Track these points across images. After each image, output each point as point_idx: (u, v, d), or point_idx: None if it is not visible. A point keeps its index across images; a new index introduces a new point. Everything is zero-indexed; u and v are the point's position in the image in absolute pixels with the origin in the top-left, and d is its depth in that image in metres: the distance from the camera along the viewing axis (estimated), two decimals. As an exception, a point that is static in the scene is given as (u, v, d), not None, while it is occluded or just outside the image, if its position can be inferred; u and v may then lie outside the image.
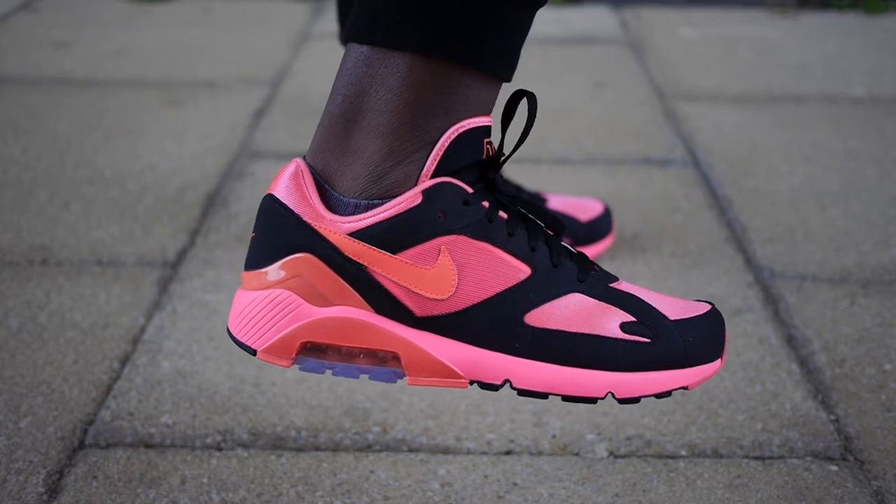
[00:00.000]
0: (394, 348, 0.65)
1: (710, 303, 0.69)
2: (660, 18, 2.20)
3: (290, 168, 0.64)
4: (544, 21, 2.18)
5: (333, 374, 0.65)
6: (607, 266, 1.12)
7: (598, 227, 1.12)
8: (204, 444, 0.83)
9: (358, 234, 0.63)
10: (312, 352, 0.65)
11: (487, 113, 0.66)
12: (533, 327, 0.65)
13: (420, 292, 0.64)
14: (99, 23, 2.09)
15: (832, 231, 1.21)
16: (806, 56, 1.92)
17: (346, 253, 0.64)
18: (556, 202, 1.14)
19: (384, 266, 0.64)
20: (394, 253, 0.64)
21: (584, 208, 1.13)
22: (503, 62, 0.65)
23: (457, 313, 0.65)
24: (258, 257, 0.66)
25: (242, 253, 1.14)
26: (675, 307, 0.68)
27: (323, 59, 1.85)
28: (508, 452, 0.83)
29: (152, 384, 0.91)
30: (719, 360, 0.66)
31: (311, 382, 0.91)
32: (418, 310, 0.64)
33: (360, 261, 0.64)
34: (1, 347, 0.96)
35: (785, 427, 0.86)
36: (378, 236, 0.63)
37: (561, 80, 1.78)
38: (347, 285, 0.64)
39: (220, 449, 0.83)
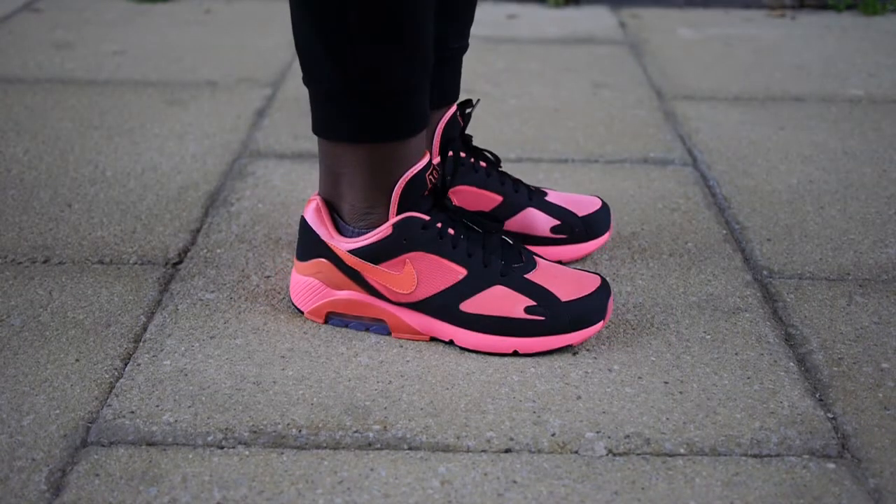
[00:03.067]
0: (383, 317, 0.98)
1: (599, 275, 0.99)
2: (658, 18, 2.21)
3: (315, 202, 0.97)
4: (544, 21, 2.19)
5: (349, 327, 0.99)
6: (606, 265, 1.12)
7: (597, 223, 1.13)
8: (205, 442, 0.84)
9: (354, 252, 0.95)
10: (336, 315, 0.99)
11: (422, 154, 0.94)
12: (466, 312, 0.95)
13: (393, 289, 0.96)
14: (100, 23, 2.09)
15: (830, 230, 1.22)
16: (804, 56, 1.93)
17: (347, 262, 0.96)
18: (554, 197, 1.15)
19: (370, 272, 0.96)
20: (376, 264, 0.95)
21: (583, 204, 1.14)
22: (419, 123, 0.93)
23: (416, 302, 0.96)
24: (301, 253, 0.99)
25: (243, 252, 1.14)
26: (570, 288, 0.96)
27: (323, 59, 1.85)
28: (508, 450, 0.84)
29: (154, 382, 0.91)
30: (601, 321, 0.95)
31: (312, 381, 0.92)
32: (393, 298, 0.96)
33: (355, 268, 0.96)
34: (4, 346, 0.97)
35: (783, 425, 0.86)
36: (366, 253, 0.95)
37: (560, 80, 1.78)
38: (350, 280, 0.97)
39: (221, 447, 0.84)
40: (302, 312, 1.01)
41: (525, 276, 0.96)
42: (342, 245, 0.95)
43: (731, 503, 0.78)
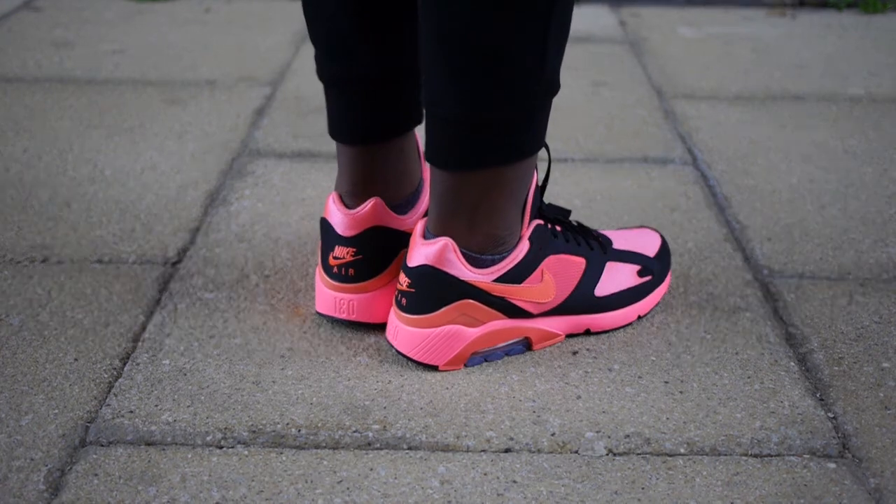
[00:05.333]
0: (525, 335, 0.95)
1: (646, 226, 1.09)
2: (659, 17, 2.21)
3: (439, 245, 0.88)
4: (544, 20, 2.19)
5: (487, 361, 0.94)
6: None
7: None
8: (204, 442, 0.84)
9: (500, 279, 0.91)
10: (477, 354, 0.94)
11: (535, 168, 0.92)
12: (601, 296, 0.98)
13: (538, 301, 0.94)
14: (100, 22, 2.09)
15: (830, 229, 1.22)
16: (804, 55, 1.93)
17: (494, 293, 0.91)
18: None
19: (516, 293, 0.92)
20: (520, 283, 0.92)
21: None
22: (543, 139, 0.90)
23: (558, 306, 0.96)
24: (428, 305, 0.90)
25: (243, 251, 1.14)
26: (645, 244, 1.04)
27: (323, 58, 1.85)
28: (508, 450, 0.83)
29: (153, 382, 0.91)
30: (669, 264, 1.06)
31: (311, 381, 0.91)
32: (536, 311, 0.94)
33: (502, 295, 0.91)
34: (2, 345, 0.97)
35: (783, 425, 0.86)
36: (512, 276, 0.91)
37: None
38: (496, 311, 0.92)
39: (220, 446, 0.84)
40: (435, 367, 0.92)
41: (614, 247, 1.01)
42: (486, 277, 0.90)
43: (732, 503, 0.78)
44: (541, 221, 0.93)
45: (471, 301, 0.91)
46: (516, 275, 0.92)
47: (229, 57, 1.87)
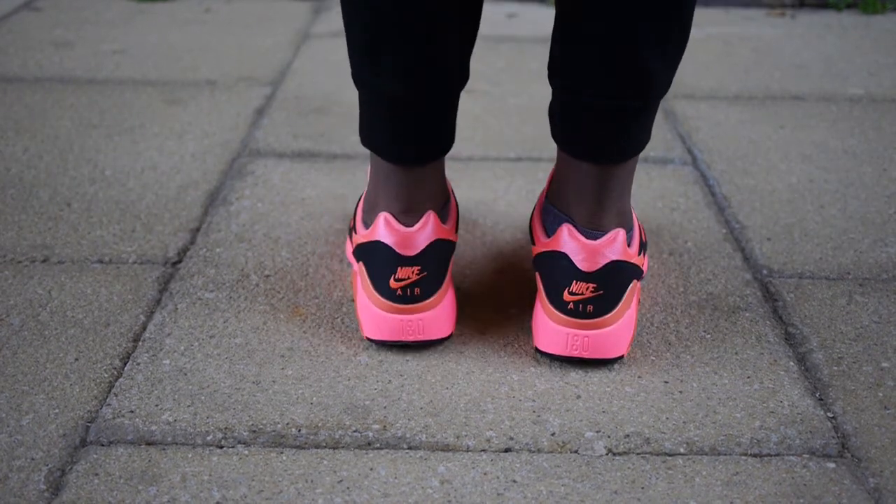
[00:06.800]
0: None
1: None
2: (659, 17, 2.20)
3: (620, 236, 0.90)
4: (544, 20, 2.19)
5: None
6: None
7: None
8: (205, 442, 0.84)
9: (640, 251, 0.96)
10: None
11: None
12: None
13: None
14: (100, 22, 2.09)
15: (830, 229, 1.22)
16: (804, 55, 1.93)
17: (641, 266, 0.96)
18: None
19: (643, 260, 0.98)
20: (644, 253, 1.00)
21: None
22: None
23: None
24: (614, 302, 0.91)
25: (243, 251, 1.14)
26: None
27: (323, 58, 1.85)
28: (508, 450, 0.84)
29: (153, 382, 0.91)
30: None
31: (311, 380, 0.92)
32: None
33: (641, 266, 0.96)
34: (3, 345, 0.97)
35: (783, 424, 0.86)
36: (642, 245, 0.98)
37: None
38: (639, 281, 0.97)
39: (220, 446, 0.84)
40: (621, 358, 0.94)
41: None
42: (634, 251, 0.95)
43: (731, 502, 0.78)
44: None
45: (637, 281, 0.94)
46: (643, 243, 0.99)
47: (229, 57, 1.87)
